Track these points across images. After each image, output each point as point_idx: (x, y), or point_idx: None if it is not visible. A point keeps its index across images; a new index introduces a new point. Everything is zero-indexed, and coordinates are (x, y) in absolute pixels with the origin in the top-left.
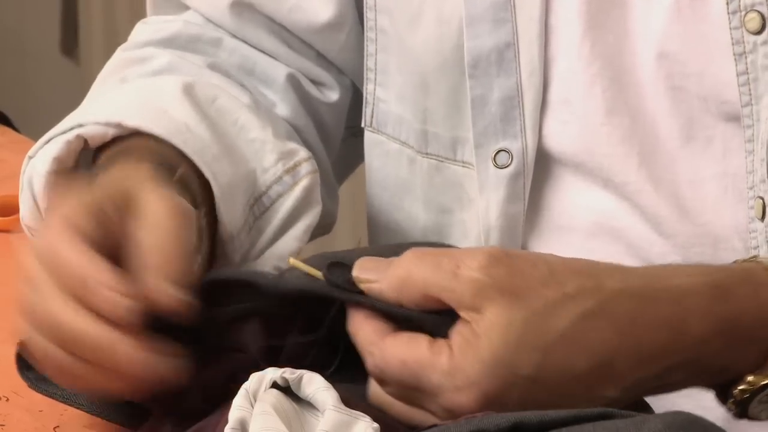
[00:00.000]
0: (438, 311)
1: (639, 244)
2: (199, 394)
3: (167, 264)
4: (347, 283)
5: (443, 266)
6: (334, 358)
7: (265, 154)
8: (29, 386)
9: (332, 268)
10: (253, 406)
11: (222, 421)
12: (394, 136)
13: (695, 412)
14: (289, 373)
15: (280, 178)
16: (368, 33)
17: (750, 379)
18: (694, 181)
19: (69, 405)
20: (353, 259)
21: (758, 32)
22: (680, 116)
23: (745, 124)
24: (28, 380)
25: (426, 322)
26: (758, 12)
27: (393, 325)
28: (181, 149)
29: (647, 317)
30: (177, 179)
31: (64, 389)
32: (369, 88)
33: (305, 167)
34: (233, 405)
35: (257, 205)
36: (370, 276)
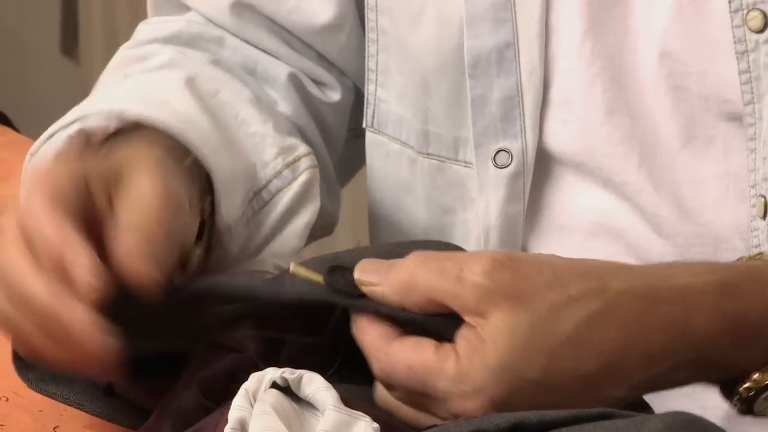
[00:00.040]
0: (441, 314)
1: (639, 245)
2: (198, 394)
3: (143, 243)
4: (349, 286)
5: (447, 271)
6: (335, 359)
7: (265, 148)
8: (29, 386)
9: (333, 272)
10: (252, 406)
11: (222, 420)
12: (394, 137)
13: (695, 412)
14: (288, 373)
15: (280, 172)
16: (369, 33)
17: (756, 377)
18: (694, 181)
19: (69, 405)
20: (353, 259)
21: (760, 30)
22: (681, 116)
23: (747, 122)
24: (27, 381)
25: (430, 325)
26: (760, 10)
27: (398, 328)
28: (182, 139)
29: (653, 316)
30: (186, 166)
31: (64, 389)
32: (370, 88)
33: (305, 162)
34: (233, 405)
35: (256, 199)
36: (372, 278)
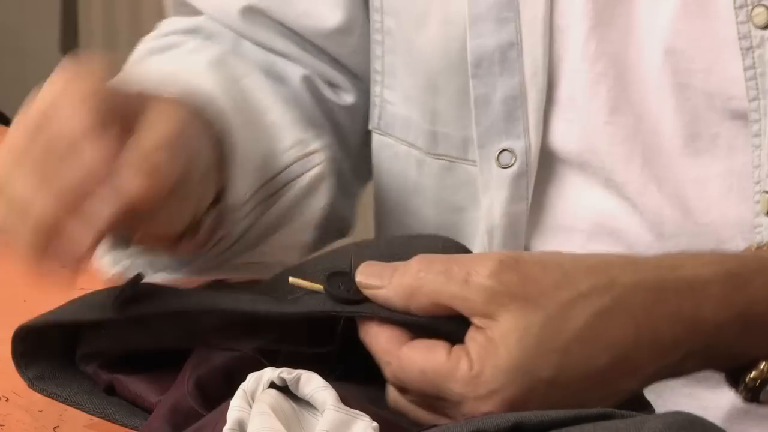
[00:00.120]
0: (447, 317)
1: (639, 246)
2: (197, 394)
3: (147, 161)
4: (350, 292)
5: (454, 274)
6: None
7: (281, 138)
8: (28, 386)
9: (332, 280)
10: (251, 406)
11: (221, 421)
12: (402, 138)
13: (695, 412)
14: (286, 373)
15: (293, 164)
16: (375, 35)
17: (763, 366)
18: (698, 180)
19: (69, 405)
20: (351, 257)
21: (765, 27)
22: (685, 114)
23: (752, 118)
24: (28, 380)
25: (437, 327)
26: (765, 7)
27: (406, 331)
28: (210, 110)
29: (663, 308)
30: (211, 133)
31: (64, 389)
32: (376, 90)
33: (318, 157)
34: (231, 405)
35: (266, 187)
36: (375, 282)
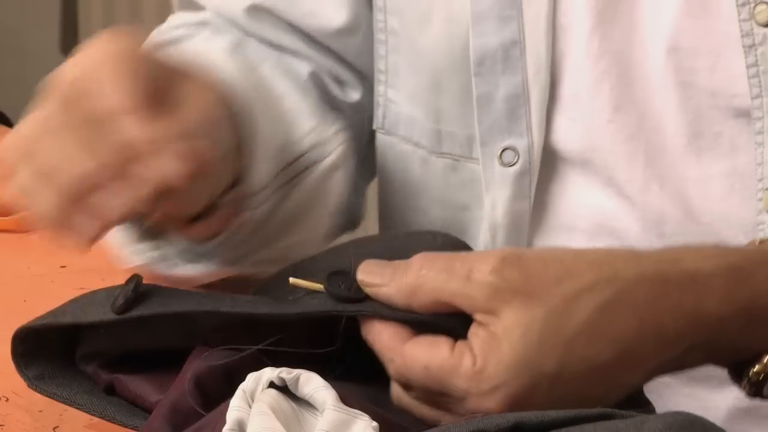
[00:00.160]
0: (449, 314)
1: (640, 245)
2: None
3: (187, 144)
4: (351, 291)
5: (456, 271)
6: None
7: (299, 124)
8: (28, 386)
9: (332, 279)
10: (250, 406)
11: (221, 421)
12: (406, 137)
13: (695, 412)
14: (286, 373)
15: (310, 150)
16: (378, 35)
17: (766, 360)
18: (700, 179)
19: (69, 405)
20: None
21: (767, 24)
22: (688, 112)
23: (755, 116)
24: (28, 380)
25: (439, 324)
26: (767, 4)
27: (409, 328)
28: (233, 93)
29: (666, 301)
30: (236, 115)
31: (64, 389)
32: (380, 89)
33: (335, 141)
34: (230, 406)
35: (285, 172)
36: (376, 280)
